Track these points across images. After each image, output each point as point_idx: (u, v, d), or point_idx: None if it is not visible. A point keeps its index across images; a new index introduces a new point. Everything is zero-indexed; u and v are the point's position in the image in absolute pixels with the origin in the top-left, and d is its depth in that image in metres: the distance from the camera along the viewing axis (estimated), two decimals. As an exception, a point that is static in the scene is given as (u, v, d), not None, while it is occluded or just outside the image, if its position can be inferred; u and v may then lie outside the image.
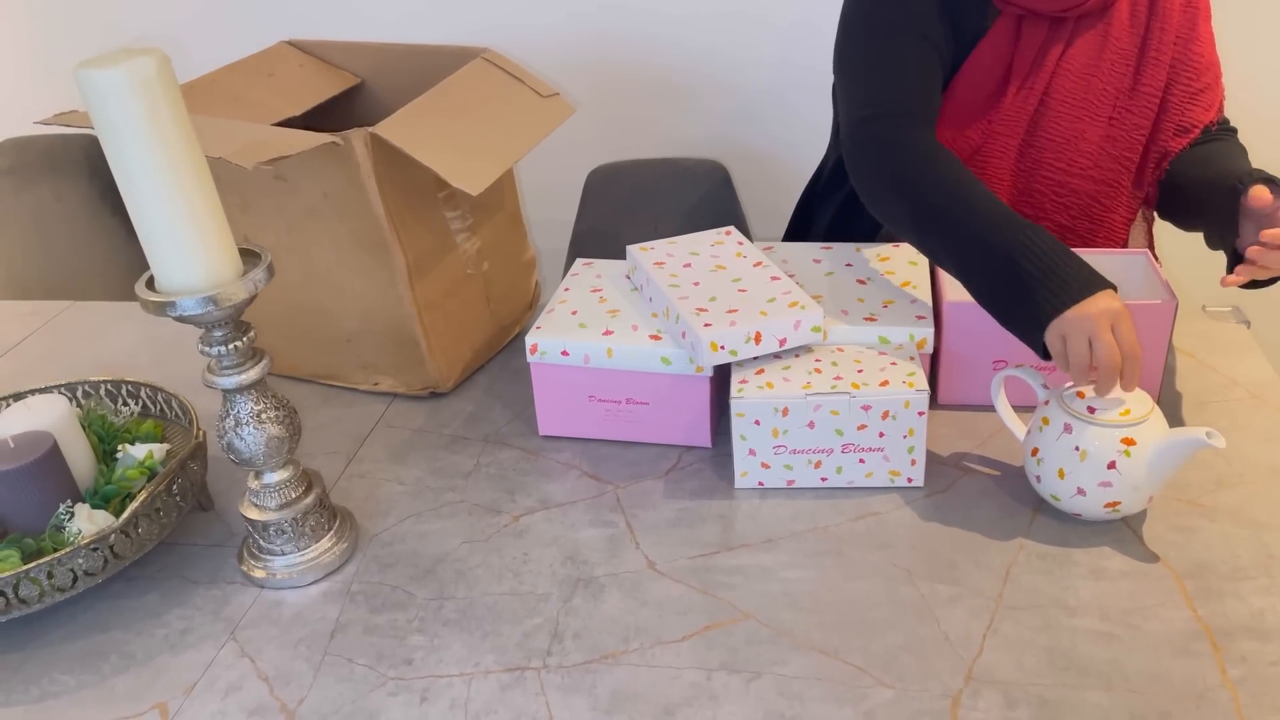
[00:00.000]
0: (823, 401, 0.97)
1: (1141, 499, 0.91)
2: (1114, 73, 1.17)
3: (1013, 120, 1.19)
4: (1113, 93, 1.18)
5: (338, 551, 0.97)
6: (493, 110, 1.14)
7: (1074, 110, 1.18)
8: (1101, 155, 1.20)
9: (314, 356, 1.24)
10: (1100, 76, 1.17)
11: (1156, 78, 1.18)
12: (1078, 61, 1.17)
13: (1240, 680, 0.79)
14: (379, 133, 1.02)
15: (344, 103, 1.34)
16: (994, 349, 1.05)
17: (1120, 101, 1.18)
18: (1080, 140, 1.19)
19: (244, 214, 1.14)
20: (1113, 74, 1.17)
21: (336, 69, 1.36)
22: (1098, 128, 1.19)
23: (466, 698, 0.82)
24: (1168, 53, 1.17)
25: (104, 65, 0.74)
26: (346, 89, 1.34)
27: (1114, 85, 1.18)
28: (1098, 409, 0.91)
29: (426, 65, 1.20)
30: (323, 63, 1.35)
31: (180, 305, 0.81)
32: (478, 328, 1.25)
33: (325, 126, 1.12)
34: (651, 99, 1.93)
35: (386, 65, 1.34)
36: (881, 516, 0.98)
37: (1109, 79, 1.17)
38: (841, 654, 0.83)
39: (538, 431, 1.13)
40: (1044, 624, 0.84)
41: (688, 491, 1.03)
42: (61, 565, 0.87)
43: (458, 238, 1.19)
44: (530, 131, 1.15)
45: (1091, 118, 1.18)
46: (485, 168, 1.06)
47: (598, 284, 1.17)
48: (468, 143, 1.08)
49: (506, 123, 1.14)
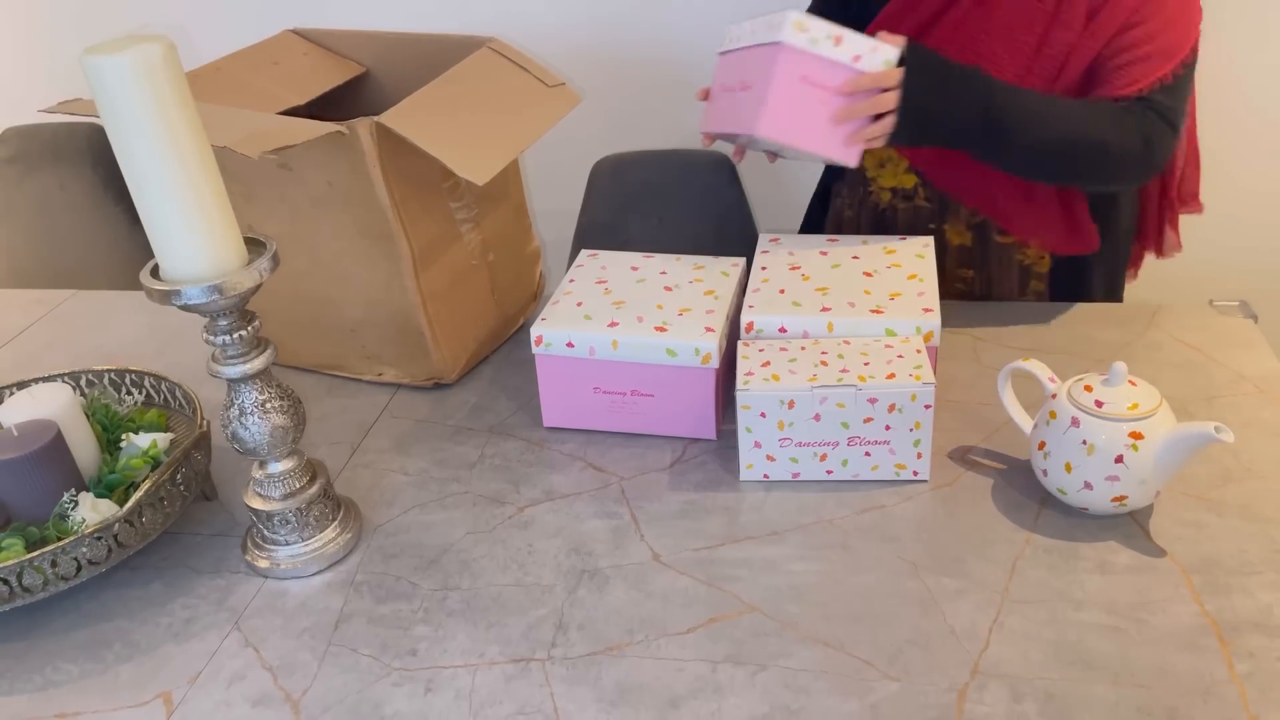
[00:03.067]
0: (829, 394, 0.96)
1: (1149, 493, 0.91)
2: (1028, 34, 1.17)
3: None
4: (1025, 53, 1.18)
5: (342, 542, 0.96)
6: (498, 100, 1.14)
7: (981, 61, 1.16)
8: None
9: (318, 346, 1.24)
10: (1016, 37, 1.17)
11: (1062, 40, 1.16)
12: (998, 21, 1.17)
13: (1247, 675, 0.78)
14: (384, 122, 1.01)
15: (349, 92, 1.33)
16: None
17: (1023, 61, 1.18)
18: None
19: (248, 203, 1.14)
20: (1028, 35, 1.17)
21: (341, 58, 1.35)
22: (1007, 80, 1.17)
23: (471, 688, 0.82)
24: (1080, 19, 1.15)
25: (110, 52, 0.73)
26: (352, 78, 1.33)
27: (1027, 46, 1.17)
28: (1105, 402, 0.91)
29: (432, 55, 1.20)
30: (327, 52, 1.35)
31: (185, 294, 0.81)
32: (482, 319, 1.24)
33: (330, 116, 1.11)
34: (658, 90, 1.92)
35: (392, 54, 1.33)
36: (887, 510, 0.97)
37: (1023, 40, 1.17)
38: (847, 647, 0.83)
39: (542, 423, 1.13)
40: (1050, 618, 0.84)
41: (692, 484, 1.03)
42: (65, 554, 0.87)
43: (462, 228, 1.18)
44: (536, 122, 1.14)
45: (998, 72, 1.17)
46: (491, 158, 1.05)
47: (602, 275, 1.16)
48: (473, 133, 1.08)
49: (512, 113, 1.13)
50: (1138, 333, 1.22)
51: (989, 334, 1.19)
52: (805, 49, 1.05)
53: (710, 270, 1.17)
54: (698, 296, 1.11)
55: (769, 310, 1.07)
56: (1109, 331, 1.22)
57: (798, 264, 1.15)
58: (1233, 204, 1.82)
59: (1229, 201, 1.82)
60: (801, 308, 1.07)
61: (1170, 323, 1.23)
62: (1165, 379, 1.12)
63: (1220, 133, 1.74)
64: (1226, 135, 1.75)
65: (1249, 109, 1.77)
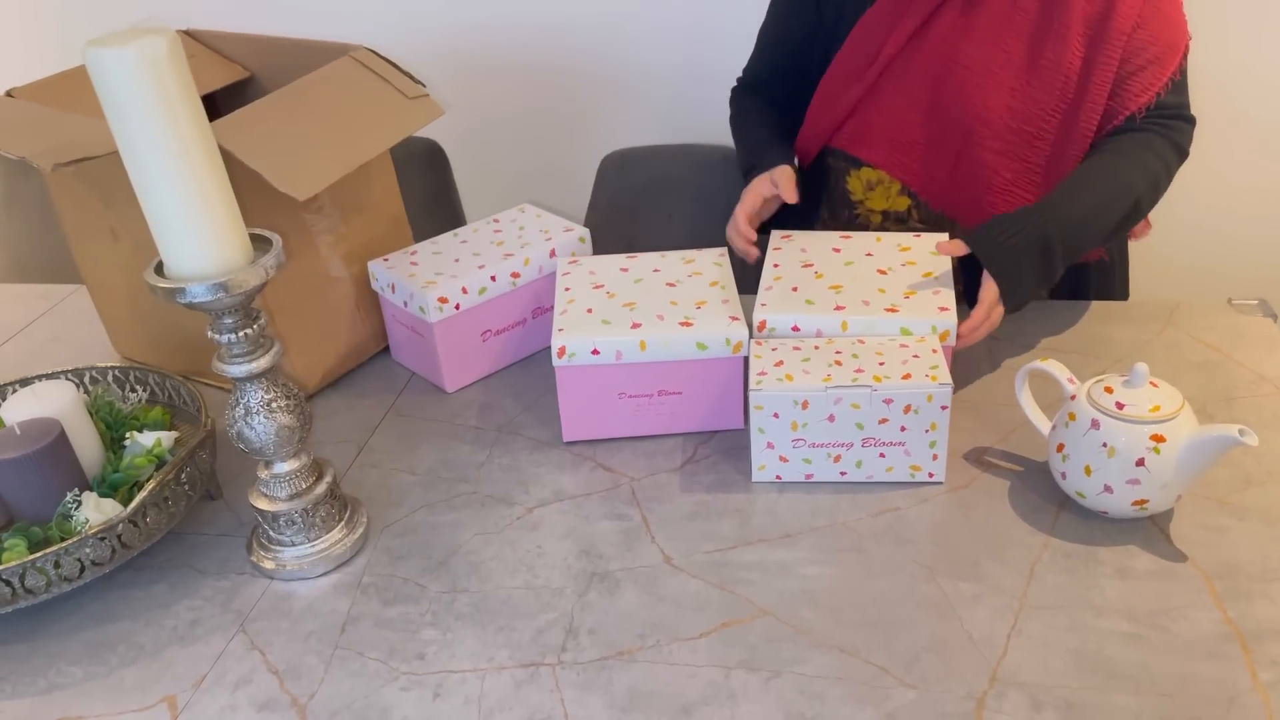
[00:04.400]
0: (844, 394, 0.95)
1: (1170, 497, 0.89)
2: (1017, 42, 1.16)
3: (903, 78, 1.20)
4: (1017, 64, 1.16)
5: (348, 543, 0.95)
6: (349, 111, 1.11)
7: (975, 78, 1.17)
8: (1005, 128, 1.18)
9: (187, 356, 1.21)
10: (1003, 45, 1.16)
11: (1060, 52, 1.15)
12: (981, 27, 1.16)
13: (1271, 684, 0.77)
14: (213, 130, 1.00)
15: (235, 96, 1.31)
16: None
17: (1021, 75, 1.16)
18: (985, 110, 1.18)
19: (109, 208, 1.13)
20: (1017, 43, 1.16)
21: (227, 61, 1.33)
22: (1001, 98, 1.17)
23: (480, 694, 0.80)
24: (1077, 28, 1.14)
25: (113, 44, 0.72)
26: (235, 82, 1.31)
27: (1018, 56, 1.16)
28: (1127, 404, 0.89)
29: (318, 61, 1.16)
30: (215, 54, 1.33)
31: (190, 292, 0.79)
32: (344, 331, 1.21)
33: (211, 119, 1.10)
34: (668, 84, 1.90)
35: (277, 59, 1.31)
36: (902, 512, 0.96)
37: (1013, 48, 1.16)
38: (863, 653, 0.82)
39: (550, 422, 1.11)
40: (1070, 624, 0.83)
41: (704, 485, 1.01)
42: (69, 555, 0.85)
43: (319, 240, 1.15)
44: (386, 133, 1.12)
45: (995, 88, 1.17)
46: (321, 172, 1.03)
47: (596, 280, 1.14)
48: (309, 145, 1.05)
49: (361, 124, 1.11)
50: (1155, 332, 1.20)
51: (1005, 334, 1.17)
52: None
53: (702, 262, 1.16)
54: (704, 288, 1.10)
55: (782, 309, 1.05)
56: (1126, 331, 1.21)
57: (810, 261, 1.14)
58: (1249, 201, 1.80)
59: (1245, 199, 1.80)
60: (815, 306, 1.05)
61: (1188, 322, 1.21)
62: (1184, 379, 1.10)
63: (1235, 130, 1.73)
64: (1242, 132, 1.73)
65: (1264, 105, 1.74)
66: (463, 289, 1.14)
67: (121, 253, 1.16)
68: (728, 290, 1.10)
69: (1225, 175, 1.34)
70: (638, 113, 1.94)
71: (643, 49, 1.88)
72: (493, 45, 1.91)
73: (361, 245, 1.21)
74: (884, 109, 1.24)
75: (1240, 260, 1.81)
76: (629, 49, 1.88)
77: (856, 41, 1.24)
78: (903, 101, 1.23)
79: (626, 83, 1.92)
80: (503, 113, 1.99)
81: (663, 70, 1.89)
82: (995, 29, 1.17)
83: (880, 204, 1.30)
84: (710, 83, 1.33)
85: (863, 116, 1.26)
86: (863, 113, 1.26)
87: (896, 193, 1.28)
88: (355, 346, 1.24)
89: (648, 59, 1.89)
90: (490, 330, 1.18)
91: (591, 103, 1.94)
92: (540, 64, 1.92)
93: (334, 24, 1.87)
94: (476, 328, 1.17)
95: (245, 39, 1.32)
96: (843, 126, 1.28)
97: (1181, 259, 1.40)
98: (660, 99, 1.93)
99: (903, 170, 1.26)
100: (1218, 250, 1.79)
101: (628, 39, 1.88)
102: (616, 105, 1.94)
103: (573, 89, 1.94)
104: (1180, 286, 1.61)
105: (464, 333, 1.16)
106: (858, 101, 1.25)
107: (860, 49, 1.24)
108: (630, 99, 1.93)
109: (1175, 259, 1.41)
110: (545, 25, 1.88)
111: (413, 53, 1.42)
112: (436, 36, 1.91)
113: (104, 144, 0.95)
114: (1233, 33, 1.18)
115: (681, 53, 1.87)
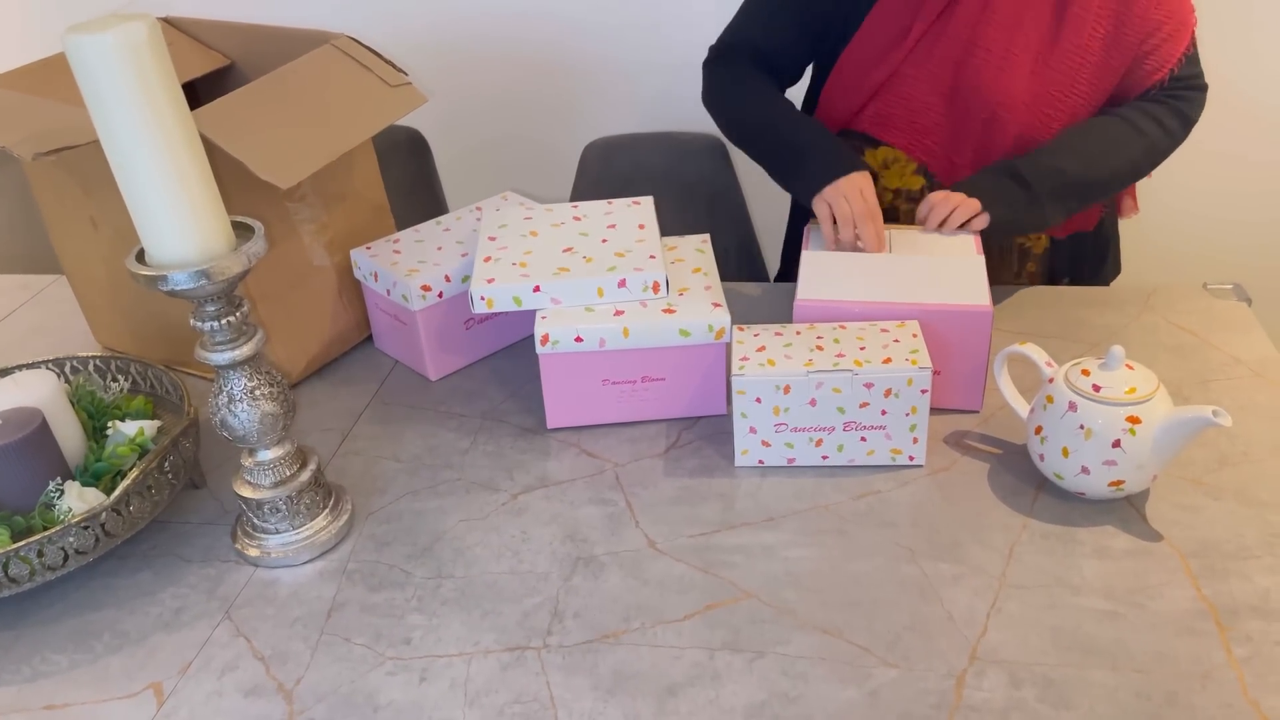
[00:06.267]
0: (825, 379, 0.95)
1: (1146, 478, 0.91)
2: (1037, 24, 1.16)
3: (925, 62, 1.20)
4: (1036, 46, 1.17)
5: (333, 530, 0.95)
6: (331, 99, 1.11)
7: (996, 60, 1.17)
8: (1024, 110, 1.19)
9: (168, 346, 1.21)
10: (1024, 28, 1.17)
11: (1080, 33, 1.16)
12: (1002, 9, 1.16)
13: (1246, 660, 0.78)
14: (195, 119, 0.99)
15: (215, 84, 1.30)
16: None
17: (1042, 56, 1.17)
18: (1006, 94, 1.18)
19: (89, 195, 1.12)
20: (1036, 26, 1.16)
21: (208, 49, 1.32)
22: (1020, 81, 1.18)
23: (466, 677, 0.81)
24: (1095, 8, 1.15)
25: (93, 30, 0.71)
26: (215, 69, 1.30)
27: (1038, 38, 1.17)
28: (1103, 387, 0.90)
29: (297, 49, 1.16)
30: (195, 42, 1.32)
31: (172, 279, 0.79)
32: (328, 320, 1.22)
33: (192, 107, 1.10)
34: (650, 73, 1.90)
35: (256, 47, 1.30)
36: (883, 495, 0.97)
37: (1032, 30, 1.17)
38: (845, 633, 0.83)
39: (535, 409, 1.11)
40: (1048, 603, 0.84)
41: (687, 470, 1.02)
42: (52, 544, 0.85)
43: (302, 229, 1.15)
44: (368, 122, 1.12)
45: (1015, 70, 1.17)
46: (303, 160, 1.03)
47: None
48: (291, 134, 1.05)
49: (343, 112, 1.11)
50: (1133, 316, 1.21)
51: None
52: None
53: (684, 249, 1.17)
54: (687, 274, 1.11)
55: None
56: (1104, 315, 1.22)
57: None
58: (1227, 186, 1.82)
59: (1223, 183, 1.82)
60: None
61: (1165, 306, 1.23)
62: (1160, 362, 1.12)
63: (1216, 115, 1.74)
64: (1222, 118, 1.74)
65: (1242, 93, 1.76)
66: (445, 277, 1.14)
67: (102, 242, 1.16)
68: (710, 277, 1.10)
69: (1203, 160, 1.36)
70: (620, 101, 1.94)
71: (625, 37, 1.88)
72: (474, 34, 1.91)
73: (344, 233, 1.21)
74: (906, 94, 1.23)
75: (1216, 245, 1.83)
76: (611, 38, 1.88)
77: (877, 22, 1.22)
78: (924, 86, 1.22)
79: (609, 71, 1.92)
80: (485, 101, 1.99)
81: (645, 59, 1.89)
82: (1016, 11, 1.17)
83: (894, 182, 1.30)
84: (692, 71, 1.32)
85: (885, 100, 1.25)
86: (885, 96, 1.25)
87: (911, 172, 1.29)
88: (338, 335, 1.24)
89: (630, 48, 1.89)
90: (473, 318, 1.19)
91: (574, 91, 1.93)
92: (522, 52, 1.92)
93: (315, 12, 1.86)
94: (460, 315, 1.17)
95: (226, 27, 1.31)
96: (864, 110, 1.27)
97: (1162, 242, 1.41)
98: (642, 88, 1.93)
99: (924, 152, 1.26)
100: (1196, 234, 1.81)
101: (610, 28, 1.87)
102: (599, 94, 1.94)
103: (555, 77, 1.93)
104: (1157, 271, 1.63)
105: (447, 320, 1.16)
106: (879, 86, 1.24)
107: (881, 31, 1.22)
108: (612, 87, 1.93)
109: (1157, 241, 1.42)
110: (526, 14, 1.88)
111: (394, 40, 1.42)
112: (418, 24, 1.91)
113: (84, 132, 0.95)
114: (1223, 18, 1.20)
115: (663, 41, 1.87)
